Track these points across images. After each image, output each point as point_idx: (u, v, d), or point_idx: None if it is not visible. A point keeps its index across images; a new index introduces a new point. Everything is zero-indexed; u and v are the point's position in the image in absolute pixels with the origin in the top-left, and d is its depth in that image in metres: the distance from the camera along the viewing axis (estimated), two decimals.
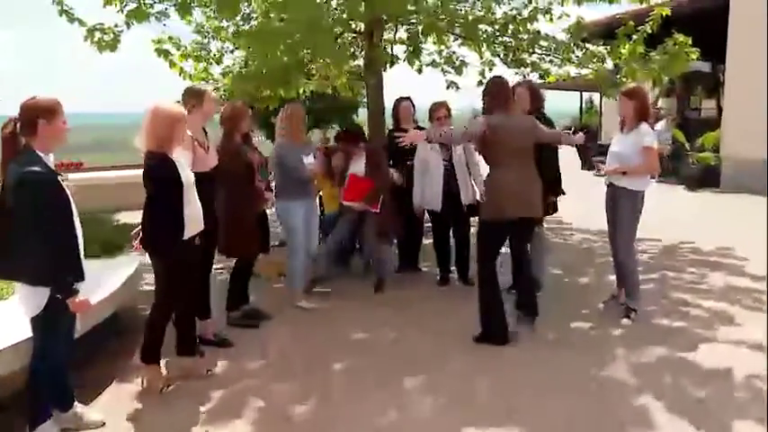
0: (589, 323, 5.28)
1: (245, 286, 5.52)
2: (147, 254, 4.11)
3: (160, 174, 3.89)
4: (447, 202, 6.18)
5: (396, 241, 7.00)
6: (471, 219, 6.30)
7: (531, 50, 7.93)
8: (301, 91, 9.90)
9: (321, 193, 7.02)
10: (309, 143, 5.88)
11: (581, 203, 7.08)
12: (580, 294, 6.11)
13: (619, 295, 5.60)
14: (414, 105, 6.86)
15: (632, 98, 5.18)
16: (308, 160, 5.70)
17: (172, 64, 8.12)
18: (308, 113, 20.03)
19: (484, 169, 5.34)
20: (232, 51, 8.61)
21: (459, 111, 6.61)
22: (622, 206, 5.23)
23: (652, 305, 5.64)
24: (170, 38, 7.82)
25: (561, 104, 36.38)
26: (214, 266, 5.21)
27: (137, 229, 4.17)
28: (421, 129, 7.22)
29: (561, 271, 6.98)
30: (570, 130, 5.41)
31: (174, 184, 3.92)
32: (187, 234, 4.01)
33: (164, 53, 7.94)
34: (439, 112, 6.32)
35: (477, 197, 5.85)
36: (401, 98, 7.00)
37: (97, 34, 6.70)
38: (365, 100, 8.19)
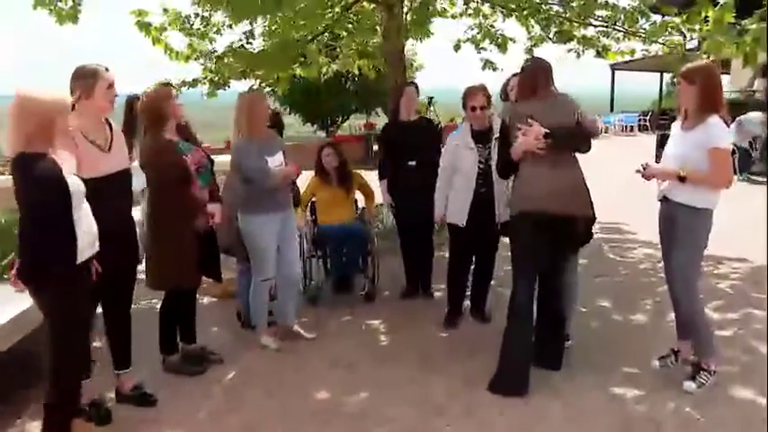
0: (635, 389, 3.94)
1: (191, 322, 4.44)
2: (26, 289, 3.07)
3: (39, 180, 2.89)
4: (475, 216, 4.84)
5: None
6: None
7: (583, 21, 6.52)
8: (324, 71, 8.88)
9: (314, 199, 5.80)
10: (275, 138, 4.67)
11: (649, 206, 5.71)
12: (629, 341, 4.75)
13: (680, 350, 4.20)
14: (419, 92, 5.60)
15: (694, 81, 3.76)
16: (275, 161, 4.52)
17: (155, 40, 7.10)
18: (351, 97, 19.71)
19: None
20: (230, 26, 7.50)
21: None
22: (681, 230, 3.86)
23: (732, 364, 4.23)
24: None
25: (637, 86, 34.16)
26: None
27: (10, 257, 3.13)
28: (429, 121, 6.03)
29: (609, 303, 5.59)
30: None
31: (60, 193, 2.93)
32: (81, 256, 3.05)
33: (144, 27, 6.92)
34: (475, 99, 4.86)
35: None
36: (404, 83, 5.82)
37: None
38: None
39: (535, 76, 4.05)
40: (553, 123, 3.87)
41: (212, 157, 4.40)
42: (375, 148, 17.27)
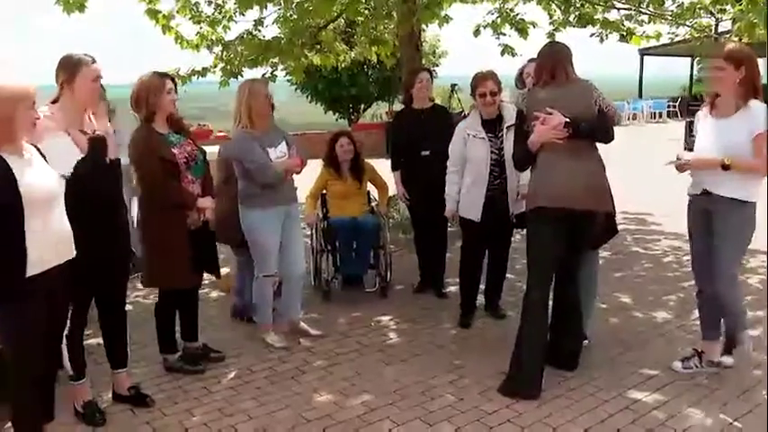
0: (656, 394, 3.70)
1: (192, 320, 4.30)
2: None
3: None
4: (488, 209, 4.62)
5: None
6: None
7: (606, 4, 6.23)
8: (341, 59, 8.72)
9: (325, 191, 5.62)
10: (277, 129, 4.48)
11: (677, 196, 5.45)
12: (651, 340, 4.51)
13: (705, 351, 3.95)
14: (433, 78, 5.36)
15: (741, 63, 3.47)
16: (277, 152, 4.34)
17: (165, 28, 6.96)
18: (373, 85, 19.47)
19: None
20: (242, 13, 7.32)
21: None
22: (726, 225, 3.60)
23: (761, 368, 3.97)
24: None
25: (666, 72, 33.40)
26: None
27: None
28: (444, 108, 5.80)
29: (630, 299, 5.34)
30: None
31: (5, 196, 2.68)
32: (34, 268, 2.78)
33: (154, 15, 6.78)
34: (484, 85, 4.60)
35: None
36: (417, 68, 5.58)
37: None
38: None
39: (554, 62, 3.80)
40: (573, 111, 3.65)
41: (219, 147, 4.25)
42: None
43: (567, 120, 3.61)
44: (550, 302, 3.95)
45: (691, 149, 3.90)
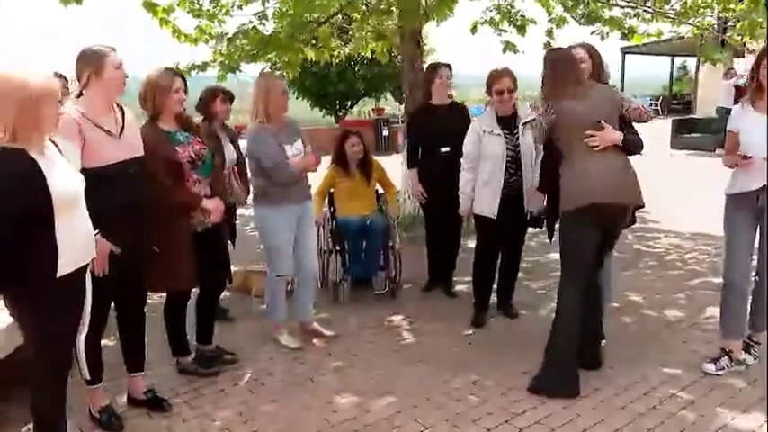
0: (683, 393, 3.65)
1: (207, 323, 4.20)
2: None
3: (7, 180, 2.51)
4: (504, 207, 4.54)
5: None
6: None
7: (611, 2, 6.21)
8: (335, 54, 8.62)
9: (333, 190, 5.51)
10: (293, 126, 4.38)
11: (668, 193, 5.39)
12: (667, 338, 4.49)
13: (732, 350, 3.91)
14: (452, 74, 5.26)
15: None
16: (294, 150, 4.25)
17: (163, 22, 6.80)
18: (360, 81, 19.41)
19: None
20: (240, 7, 7.19)
21: None
22: None
23: None
24: None
25: (647, 71, 33.71)
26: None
27: None
28: (461, 104, 5.72)
29: (640, 297, 5.31)
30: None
31: (37, 197, 2.56)
32: (63, 269, 2.68)
33: (151, 8, 6.62)
34: (500, 82, 4.54)
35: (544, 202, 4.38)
36: (437, 64, 5.44)
37: None
38: None
39: (567, 71, 3.76)
40: (602, 117, 3.65)
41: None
42: (385, 133, 17.02)
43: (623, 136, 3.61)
44: None
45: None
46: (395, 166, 6.39)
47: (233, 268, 4.25)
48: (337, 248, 5.36)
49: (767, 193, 3.62)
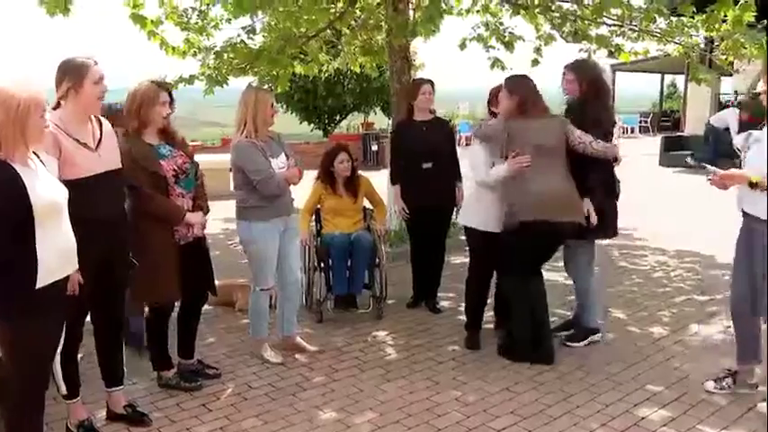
0: (663, 410, 3.69)
1: (189, 337, 4.23)
2: None
3: None
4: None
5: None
6: None
7: (597, 20, 6.32)
8: (324, 68, 8.70)
9: (319, 206, 5.54)
10: (278, 139, 4.43)
11: (656, 210, 5.47)
12: (651, 355, 4.54)
13: (741, 373, 3.88)
14: (434, 90, 5.34)
15: None
16: (279, 163, 4.29)
17: (151, 34, 6.85)
18: (349, 95, 19.54)
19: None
20: (229, 20, 7.24)
21: None
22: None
23: None
24: None
25: (637, 88, 34.15)
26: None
27: None
28: (444, 120, 5.81)
29: (624, 314, 5.40)
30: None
31: (17, 208, 2.60)
32: (44, 280, 2.71)
33: (139, 20, 6.67)
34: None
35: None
36: (421, 80, 5.50)
37: None
38: None
39: (524, 98, 4.26)
40: (553, 141, 4.21)
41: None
42: (373, 148, 17.09)
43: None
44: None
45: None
46: (383, 181, 6.43)
47: (216, 282, 4.26)
48: (321, 266, 5.36)
49: (750, 218, 3.59)
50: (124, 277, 3.53)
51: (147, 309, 4.10)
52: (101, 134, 3.33)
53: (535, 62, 7.69)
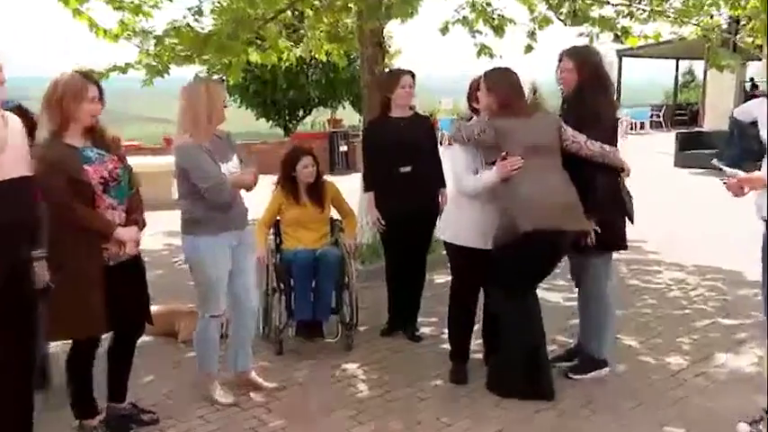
0: None
1: (122, 377, 4.15)
2: None
3: None
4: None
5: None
6: None
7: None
8: (284, 56, 8.71)
9: (279, 217, 5.50)
10: (228, 140, 4.38)
11: (670, 219, 5.50)
12: (667, 391, 4.55)
13: None
14: (415, 83, 5.35)
15: None
16: (230, 168, 4.24)
17: (76, 13, 6.78)
18: (314, 88, 19.58)
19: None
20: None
21: None
22: None
23: None
24: None
25: (647, 77, 34.51)
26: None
27: None
28: (424, 117, 5.81)
29: (636, 341, 5.40)
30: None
31: None
32: None
33: None
34: None
35: None
36: (400, 71, 5.48)
37: None
38: None
39: (504, 97, 4.30)
40: (533, 142, 4.21)
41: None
42: (342, 149, 17.11)
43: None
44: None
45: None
46: (354, 188, 6.40)
47: (153, 308, 4.20)
48: (282, 287, 5.31)
49: None
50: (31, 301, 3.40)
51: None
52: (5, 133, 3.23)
53: (528, 48, 7.75)
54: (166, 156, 4.53)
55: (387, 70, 5.78)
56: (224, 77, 8.42)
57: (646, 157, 12.59)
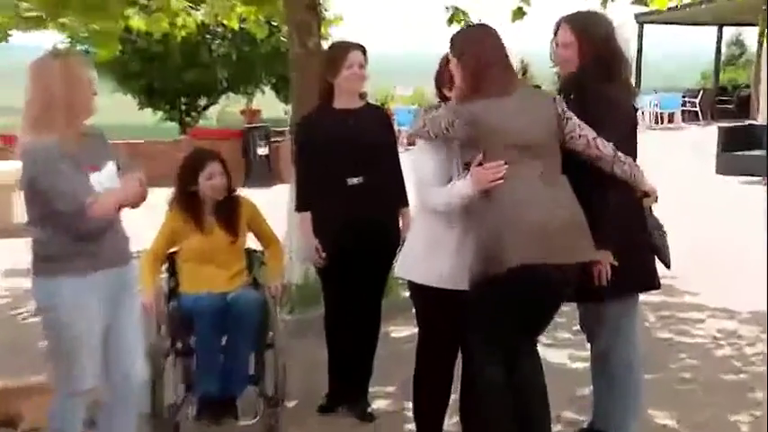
0: None
1: None
2: None
3: None
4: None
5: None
6: None
7: None
8: (180, 23, 8.82)
9: (175, 249, 5.50)
10: (98, 139, 4.36)
11: (714, 244, 5.57)
12: None
13: None
14: (367, 59, 5.42)
15: None
16: (102, 179, 4.23)
17: None
18: (219, 66, 19.71)
19: None
20: None
21: None
22: None
23: None
24: None
25: (679, 50, 35.21)
26: None
27: None
28: (379, 108, 5.88)
29: (671, 419, 5.45)
30: None
31: None
32: None
33: None
34: None
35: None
36: (346, 44, 5.51)
37: None
38: None
39: (480, 63, 4.18)
40: (521, 136, 4.10)
41: None
42: (261, 151, 17.12)
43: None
44: None
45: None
46: (278, 205, 6.42)
47: None
48: (179, 348, 5.32)
49: None
50: None
51: None
52: None
53: (519, 13, 7.88)
54: (8, 161, 4.45)
55: (327, 44, 5.78)
56: (90, 51, 8.40)
57: (677, 161, 12.78)
